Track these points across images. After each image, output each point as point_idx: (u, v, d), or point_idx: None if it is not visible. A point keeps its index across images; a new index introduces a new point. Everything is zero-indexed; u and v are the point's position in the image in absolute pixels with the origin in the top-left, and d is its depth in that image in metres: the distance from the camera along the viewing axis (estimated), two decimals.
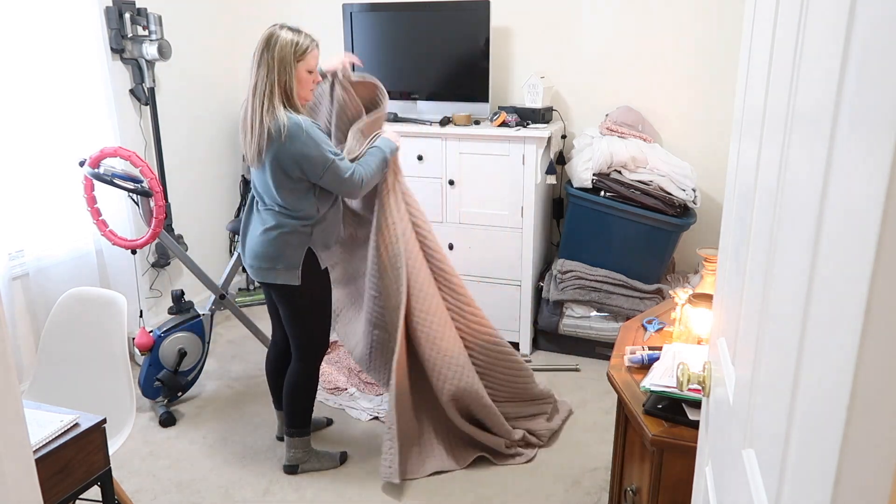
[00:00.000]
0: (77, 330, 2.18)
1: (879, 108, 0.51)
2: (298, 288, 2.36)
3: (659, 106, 3.49)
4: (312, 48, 2.26)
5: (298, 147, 2.17)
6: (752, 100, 1.04)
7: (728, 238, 1.18)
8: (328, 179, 2.24)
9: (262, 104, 2.18)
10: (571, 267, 3.34)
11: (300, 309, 2.42)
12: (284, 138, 2.16)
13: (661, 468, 1.63)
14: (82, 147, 3.09)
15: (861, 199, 0.53)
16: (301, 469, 2.58)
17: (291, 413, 2.53)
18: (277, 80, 2.18)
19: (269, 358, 2.71)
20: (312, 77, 2.28)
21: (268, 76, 2.18)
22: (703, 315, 1.95)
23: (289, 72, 2.20)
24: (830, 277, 0.61)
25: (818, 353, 0.63)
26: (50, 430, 1.60)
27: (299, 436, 2.55)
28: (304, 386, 2.51)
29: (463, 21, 3.40)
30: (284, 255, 2.33)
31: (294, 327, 2.45)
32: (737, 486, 0.92)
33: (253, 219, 2.40)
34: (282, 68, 2.18)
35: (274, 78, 2.18)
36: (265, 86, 2.18)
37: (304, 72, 2.24)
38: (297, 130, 2.17)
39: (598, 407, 3.01)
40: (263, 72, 2.19)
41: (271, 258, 2.33)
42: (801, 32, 0.76)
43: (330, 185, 2.27)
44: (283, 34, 2.21)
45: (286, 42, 2.19)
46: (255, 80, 2.20)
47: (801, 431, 0.66)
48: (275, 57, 2.18)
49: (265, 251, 2.33)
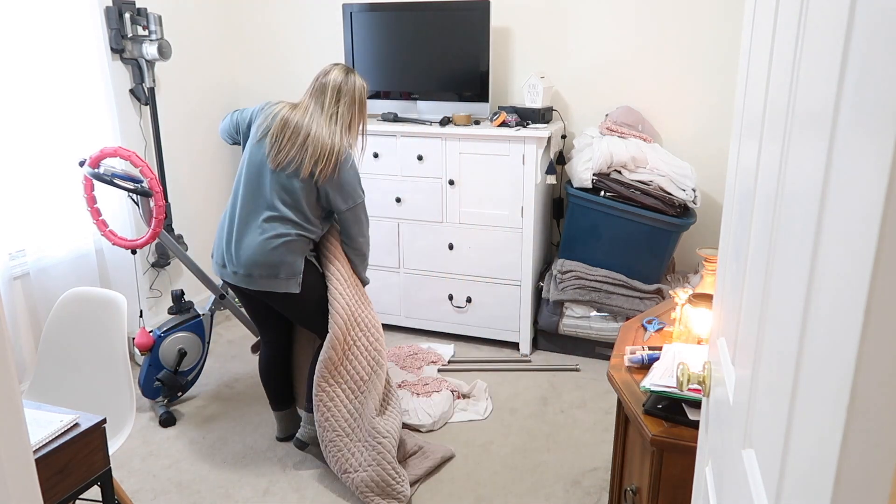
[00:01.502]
0: (77, 330, 2.18)
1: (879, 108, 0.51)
2: (308, 290, 2.41)
3: (659, 106, 3.49)
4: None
5: (345, 174, 2.38)
6: (752, 99, 1.04)
7: (728, 238, 1.18)
8: (350, 215, 2.45)
9: (340, 130, 2.39)
10: (571, 267, 3.34)
11: (308, 310, 2.46)
12: (343, 161, 2.37)
13: (661, 468, 1.63)
14: (82, 147, 3.09)
15: (861, 199, 0.53)
16: (310, 449, 2.62)
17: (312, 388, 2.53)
18: (358, 114, 2.46)
19: (261, 361, 2.71)
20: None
21: (349, 110, 2.42)
22: (703, 315, 1.95)
23: (364, 112, 2.49)
24: (830, 277, 0.61)
25: (818, 353, 0.63)
26: (50, 430, 1.60)
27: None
28: None
29: (463, 21, 3.40)
30: (287, 263, 2.36)
31: (311, 325, 2.51)
32: (737, 486, 0.92)
33: (250, 227, 2.39)
34: (362, 108, 2.47)
35: (355, 112, 2.44)
36: (348, 117, 2.42)
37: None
38: (351, 161, 2.41)
39: (598, 407, 3.01)
40: (346, 104, 2.41)
41: (273, 266, 2.36)
42: (801, 32, 0.76)
43: (348, 220, 2.45)
44: (357, 78, 2.46)
45: (362, 86, 2.47)
46: (334, 110, 2.40)
47: (801, 431, 0.66)
48: (358, 97, 2.44)
49: (267, 259, 2.35)
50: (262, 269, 2.36)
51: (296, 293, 2.39)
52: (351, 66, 2.56)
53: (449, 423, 2.90)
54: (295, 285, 2.38)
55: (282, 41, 4.07)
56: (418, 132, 3.38)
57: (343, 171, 2.37)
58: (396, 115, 3.52)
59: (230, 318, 3.92)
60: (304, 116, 2.39)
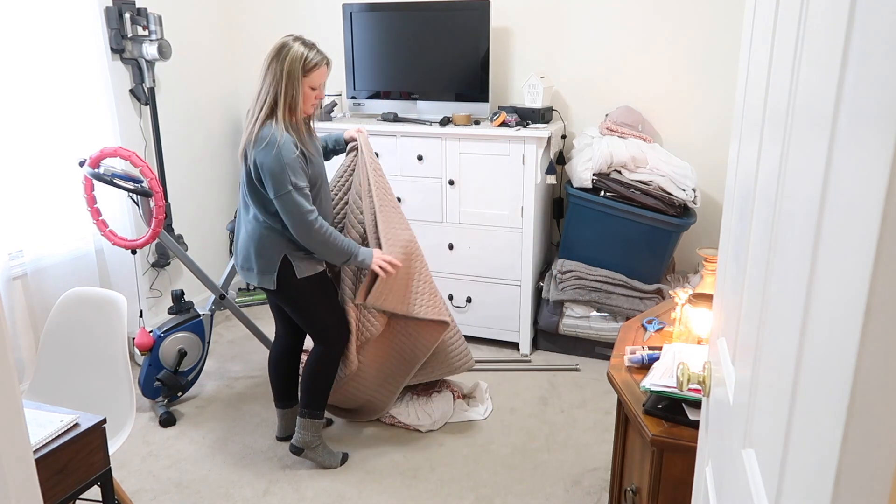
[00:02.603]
0: (77, 330, 2.18)
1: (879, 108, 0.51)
2: (290, 290, 2.39)
3: (659, 106, 3.49)
4: (322, 66, 2.28)
5: (267, 160, 2.20)
6: (752, 99, 1.04)
7: (728, 238, 1.18)
8: (279, 205, 2.25)
9: (260, 109, 2.23)
10: (571, 267, 3.34)
11: (301, 307, 2.46)
12: (264, 147, 2.20)
13: (661, 468, 1.63)
14: (82, 147, 3.09)
15: (861, 199, 0.53)
16: (305, 455, 2.59)
17: (307, 392, 2.54)
18: (284, 91, 2.21)
19: (271, 353, 2.72)
20: (316, 94, 2.31)
21: (273, 86, 2.21)
22: (703, 315, 1.95)
23: (295, 85, 2.22)
24: (830, 277, 0.61)
25: (818, 353, 0.63)
26: (50, 430, 1.60)
27: (311, 417, 2.56)
28: (324, 369, 2.52)
29: (463, 21, 3.40)
30: (260, 257, 2.36)
31: (303, 322, 2.50)
32: (737, 486, 0.92)
33: (240, 219, 2.45)
34: (288, 81, 2.21)
35: (280, 89, 2.21)
36: (268, 94, 2.22)
37: (308, 88, 2.26)
38: (272, 145, 2.20)
39: (598, 407, 3.01)
40: (269, 80, 2.22)
41: (248, 258, 2.39)
42: (801, 32, 0.76)
43: (279, 209, 2.26)
44: (295, 46, 2.23)
45: (297, 55, 2.21)
46: (259, 86, 2.24)
47: (801, 431, 0.66)
48: (283, 68, 2.20)
49: (246, 251, 2.40)
50: (244, 260, 2.41)
51: (273, 290, 2.39)
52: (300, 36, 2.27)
53: (449, 422, 2.90)
54: (269, 282, 2.37)
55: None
56: (418, 132, 3.38)
57: (262, 157, 2.20)
58: (396, 115, 3.52)
59: (230, 318, 3.92)
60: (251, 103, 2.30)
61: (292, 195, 2.22)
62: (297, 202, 2.23)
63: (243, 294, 4.18)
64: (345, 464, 2.63)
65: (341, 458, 2.63)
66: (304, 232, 2.28)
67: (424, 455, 2.69)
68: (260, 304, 4.12)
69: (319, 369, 2.52)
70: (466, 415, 2.95)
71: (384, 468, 2.61)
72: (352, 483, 2.53)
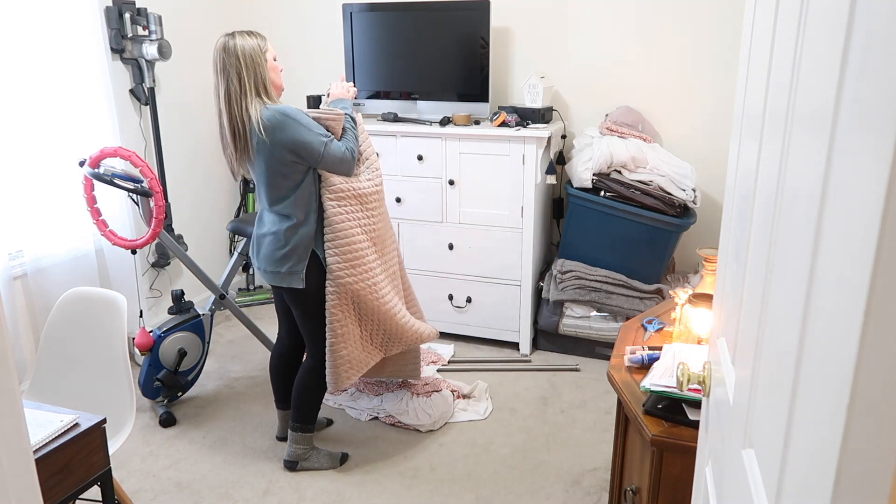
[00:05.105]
0: (77, 330, 2.18)
1: (879, 108, 0.51)
2: (306, 290, 2.37)
3: (659, 106, 3.49)
4: (265, 40, 2.33)
5: (290, 134, 2.22)
6: (752, 99, 1.04)
7: (728, 238, 1.18)
8: (327, 161, 2.28)
9: (240, 106, 2.22)
10: (571, 267, 3.34)
11: (310, 310, 2.44)
12: (274, 129, 2.20)
13: (661, 468, 1.63)
14: (82, 147, 3.09)
15: (861, 199, 0.53)
16: (300, 466, 2.58)
17: (298, 407, 2.53)
18: (254, 77, 2.23)
19: (273, 355, 2.72)
20: (277, 64, 2.36)
21: (239, 79, 2.22)
22: (703, 315, 1.95)
23: (261, 65, 2.25)
24: (830, 277, 0.61)
25: (818, 353, 0.63)
26: (50, 430, 1.60)
27: (302, 431, 2.56)
28: (315, 383, 2.51)
29: (463, 21, 3.40)
30: (287, 258, 2.34)
31: (306, 327, 2.48)
32: (737, 486, 0.92)
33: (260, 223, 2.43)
34: (254, 65, 2.24)
35: (249, 76, 2.22)
36: (239, 88, 2.22)
37: (272, 60, 2.32)
38: (284, 119, 2.21)
39: (598, 407, 3.01)
40: (233, 76, 2.22)
41: (275, 261, 2.36)
42: (801, 32, 0.76)
43: (330, 166, 2.30)
44: (238, 39, 2.25)
45: (246, 43, 2.25)
46: (225, 88, 2.24)
47: (801, 431, 0.66)
48: (241, 59, 2.22)
49: (270, 254, 2.36)
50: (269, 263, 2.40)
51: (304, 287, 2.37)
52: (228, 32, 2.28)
53: (449, 423, 2.90)
54: (298, 280, 2.36)
55: (282, 41, 4.06)
56: (418, 132, 3.38)
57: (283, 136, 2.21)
58: (396, 115, 3.52)
59: (230, 318, 3.92)
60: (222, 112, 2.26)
61: (331, 145, 2.28)
62: (337, 148, 2.30)
63: (243, 294, 4.18)
64: (345, 464, 2.64)
65: (341, 458, 2.63)
66: (352, 166, 2.37)
67: (424, 455, 2.69)
68: (260, 304, 4.12)
69: (309, 383, 2.51)
70: (466, 415, 2.95)
71: (384, 468, 2.61)
72: (352, 483, 2.53)
